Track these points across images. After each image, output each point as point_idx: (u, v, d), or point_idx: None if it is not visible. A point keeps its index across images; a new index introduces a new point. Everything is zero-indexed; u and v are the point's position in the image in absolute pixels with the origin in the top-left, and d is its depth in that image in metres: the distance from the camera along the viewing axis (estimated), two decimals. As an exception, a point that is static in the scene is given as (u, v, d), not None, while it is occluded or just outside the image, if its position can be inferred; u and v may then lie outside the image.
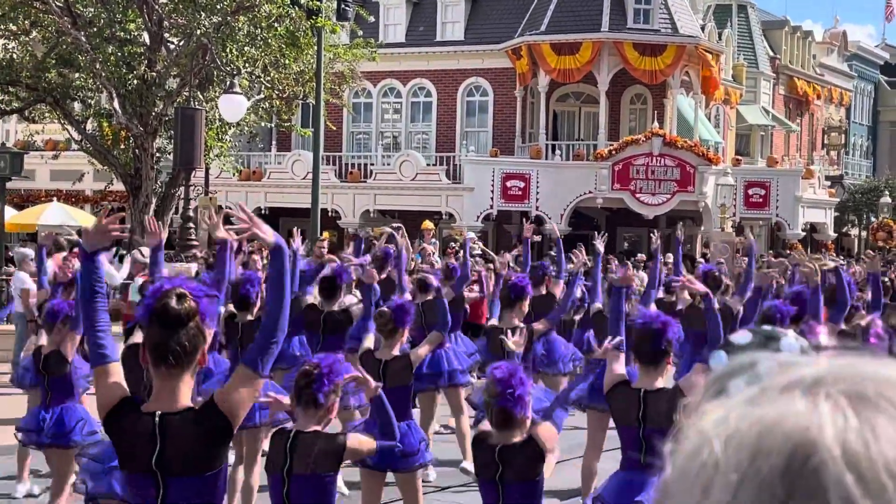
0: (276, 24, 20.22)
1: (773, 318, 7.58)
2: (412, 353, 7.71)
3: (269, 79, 20.94)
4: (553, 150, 33.30)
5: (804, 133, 48.10)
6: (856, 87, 54.47)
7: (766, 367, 0.90)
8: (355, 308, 9.64)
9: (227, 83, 19.11)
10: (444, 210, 32.42)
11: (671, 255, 17.10)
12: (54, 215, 25.60)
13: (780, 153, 42.22)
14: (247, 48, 20.01)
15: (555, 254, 12.78)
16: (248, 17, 19.70)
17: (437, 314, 8.42)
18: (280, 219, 36.22)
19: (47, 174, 33.54)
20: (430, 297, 10.42)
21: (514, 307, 9.02)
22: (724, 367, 0.94)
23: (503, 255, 12.65)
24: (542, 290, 11.34)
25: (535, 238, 27.71)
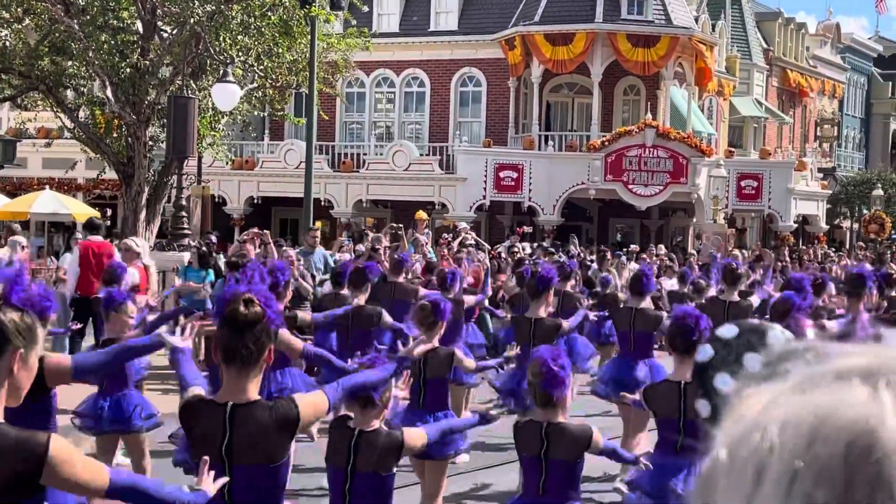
0: (269, 13, 20.15)
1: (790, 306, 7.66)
2: (457, 351, 7.86)
3: (262, 68, 20.86)
4: (546, 141, 33.29)
5: (797, 125, 48.15)
6: (849, 79, 54.53)
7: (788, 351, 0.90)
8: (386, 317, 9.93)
9: (221, 72, 19.04)
10: (436, 200, 32.42)
11: (662, 246, 17.22)
12: (46, 203, 25.53)
13: (772, 145, 42.29)
14: (240, 37, 19.94)
15: (548, 244, 13.02)
16: (241, 6, 19.62)
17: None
18: (273, 208, 36.25)
19: (39, 162, 33.42)
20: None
21: (541, 298, 9.21)
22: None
23: (507, 281, 13.40)
24: (566, 286, 11.80)
25: (528, 229, 27.73)
